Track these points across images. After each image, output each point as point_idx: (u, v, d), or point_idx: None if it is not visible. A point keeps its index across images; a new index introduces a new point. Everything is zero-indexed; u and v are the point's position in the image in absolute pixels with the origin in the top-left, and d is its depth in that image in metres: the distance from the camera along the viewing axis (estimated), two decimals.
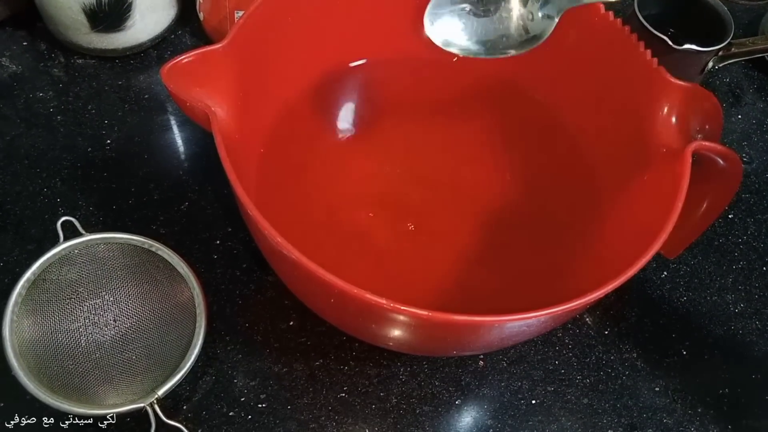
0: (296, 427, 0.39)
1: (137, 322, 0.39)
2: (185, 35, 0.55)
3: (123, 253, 0.41)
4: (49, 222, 0.44)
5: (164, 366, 0.38)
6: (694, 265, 0.48)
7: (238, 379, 0.40)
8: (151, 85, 0.52)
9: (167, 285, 0.40)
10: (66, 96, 0.50)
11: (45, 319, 0.38)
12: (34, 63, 0.52)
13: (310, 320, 0.42)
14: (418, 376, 0.41)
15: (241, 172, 0.32)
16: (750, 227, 0.50)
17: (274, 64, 0.42)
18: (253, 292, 0.43)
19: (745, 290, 0.47)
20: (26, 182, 0.46)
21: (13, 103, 0.50)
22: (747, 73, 0.59)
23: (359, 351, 0.42)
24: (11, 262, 0.43)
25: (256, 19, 0.37)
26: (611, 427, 0.41)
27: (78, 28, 0.49)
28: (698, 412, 0.42)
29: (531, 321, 0.30)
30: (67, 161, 0.47)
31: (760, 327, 0.45)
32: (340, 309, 0.34)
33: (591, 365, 0.43)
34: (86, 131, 0.49)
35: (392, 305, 0.28)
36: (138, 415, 0.37)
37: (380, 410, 0.40)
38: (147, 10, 0.50)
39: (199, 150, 0.49)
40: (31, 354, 0.37)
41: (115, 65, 0.52)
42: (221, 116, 0.34)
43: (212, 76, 0.35)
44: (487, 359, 0.42)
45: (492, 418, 0.41)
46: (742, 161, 0.36)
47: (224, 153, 0.31)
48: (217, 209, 0.46)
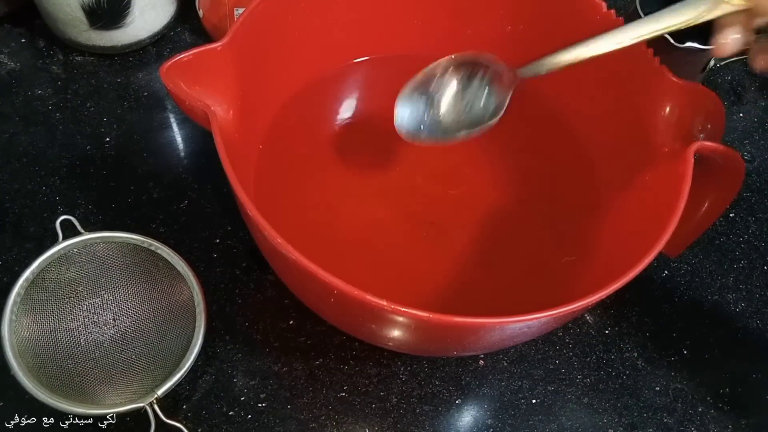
0: (296, 426, 0.39)
1: (137, 321, 0.39)
2: (185, 32, 0.55)
3: (122, 252, 0.40)
4: (48, 221, 0.44)
5: (164, 365, 0.38)
6: (695, 264, 0.48)
7: (238, 379, 0.40)
8: (150, 83, 0.51)
9: (167, 284, 0.40)
10: (65, 93, 0.50)
11: (44, 319, 0.38)
12: (33, 60, 0.52)
13: (309, 319, 0.42)
14: (419, 375, 0.41)
15: (241, 171, 0.32)
16: (751, 226, 0.50)
17: (274, 62, 0.41)
18: (252, 291, 0.43)
19: (746, 289, 0.47)
20: (25, 180, 0.46)
21: (12, 101, 0.49)
22: (749, 72, 0.58)
23: (359, 350, 0.42)
24: (10, 261, 0.43)
25: (255, 17, 0.37)
26: (612, 427, 0.41)
27: (77, 26, 0.49)
28: (699, 412, 0.42)
29: (532, 322, 0.30)
30: (65, 159, 0.47)
31: (761, 326, 0.45)
32: (340, 309, 0.34)
33: (591, 364, 0.43)
34: (85, 129, 0.49)
35: (393, 307, 0.27)
36: (138, 415, 0.37)
37: (380, 410, 0.40)
38: (146, 7, 0.50)
39: (199, 148, 0.49)
40: (30, 353, 0.37)
41: (114, 63, 0.52)
42: (221, 115, 0.34)
43: (212, 75, 0.35)
44: (487, 359, 0.42)
45: (492, 418, 0.41)
46: (743, 160, 0.35)
47: (224, 152, 0.31)
48: (217, 208, 0.46)
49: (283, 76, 0.43)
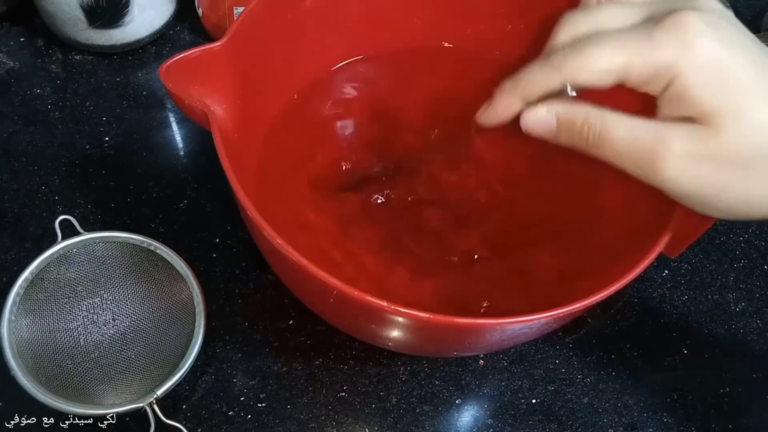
0: (296, 426, 0.39)
1: (136, 321, 0.39)
2: (184, 31, 0.55)
3: (122, 251, 0.40)
4: (47, 220, 0.44)
5: (163, 365, 0.38)
6: (695, 263, 0.48)
7: (238, 379, 0.40)
8: (149, 82, 0.51)
9: (166, 284, 0.40)
10: (64, 93, 0.50)
11: (43, 319, 0.38)
12: (32, 59, 0.52)
13: (309, 319, 0.42)
14: (418, 375, 0.41)
15: (241, 170, 0.32)
16: (751, 225, 0.50)
17: (274, 61, 0.41)
18: (252, 291, 0.43)
19: (746, 289, 0.47)
20: (24, 180, 0.46)
21: (11, 100, 0.49)
22: None
23: (359, 350, 0.41)
24: (9, 261, 0.42)
25: (255, 16, 0.37)
26: (611, 427, 0.41)
27: (76, 24, 0.49)
28: (699, 411, 0.42)
29: (532, 323, 0.30)
30: (65, 159, 0.47)
31: (761, 326, 0.45)
32: (340, 309, 0.34)
33: (591, 364, 0.43)
34: (84, 128, 0.49)
35: (393, 307, 0.27)
36: (137, 415, 0.37)
37: (380, 410, 0.40)
38: (145, 6, 0.50)
39: (198, 147, 0.49)
40: (30, 353, 0.37)
41: (113, 61, 0.52)
42: (220, 115, 0.34)
43: (211, 75, 0.34)
44: (487, 359, 0.42)
45: (492, 418, 0.41)
46: None
47: (223, 152, 0.31)
48: (216, 207, 0.46)
49: (283, 74, 0.43)
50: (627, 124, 0.28)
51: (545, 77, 0.29)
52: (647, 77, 0.27)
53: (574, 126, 0.29)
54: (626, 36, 0.27)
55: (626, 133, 0.28)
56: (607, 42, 0.27)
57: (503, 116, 0.31)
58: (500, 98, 0.31)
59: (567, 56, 0.28)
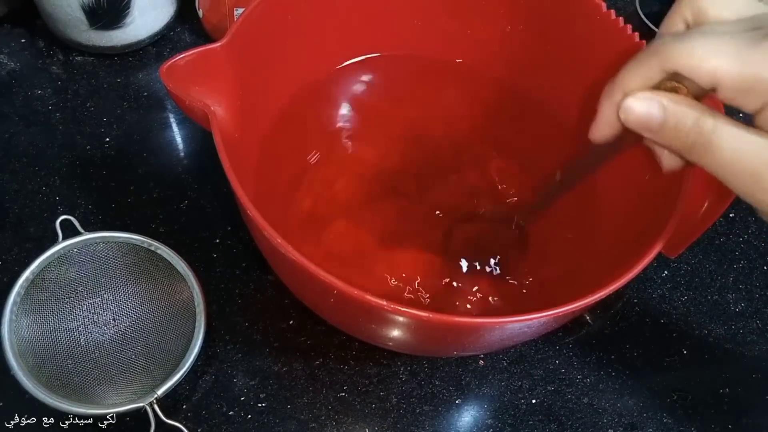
0: (296, 426, 0.39)
1: (136, 321, 0.39)
2: (184, 32, 0.55)
3: (122, 251, 0.40)
4: (48, 220, 0.44)
5: (164, 365, 0.38)
6: (694, 264, 0.48)
7: (238, 379, 0.40)
8: (150, 83, 0.51)
9: (166, 284, 0.40)
10: (65, 94, 0.50)
11: (44, 319, 0.38)
12: (33, 60, 0.52)
13: (310, 319, 0.42)
14: (418, 375, 0.41)
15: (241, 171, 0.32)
16: (751, 226, 0.50)
17: (274, 61, 0.41)
18: (252, 291, 0.43)
19: (745, 289, 0.47)
20: (25, 180, 0.46)
21: (12, 101, 0.49)
22: None
23: (359, 350, 0.42)
24: (10, 261, 0.43)
25: (255, 17, 0.37)
26: (611, 427, 0.41)
27: (77, 26, 0.49)
28: (698, 412, 0.42)
29: (532, 322, 0.30)
30: (65, 159, 0.47)
31: (760, 326, 0.45)
32: (340, 309, 0.34)
33: (591, 364, 0.43)
34: (85, 129, 0.49)
35: (393, 307, 0.27)
36: (137, 415, 0.37)
37: (380, 410, 0.40)
38: (146, 7, 0.50)
39: (199, 148, 0.49)
40: (30, 353, 0.37)
41: (114, 63, 0.52)
42: (220, 115, 0.34)
43: (211, 75, 0.35)
44: (487, 359, 0.42)
45: (492, 418, 0.41)
46: None
47: (224, 152, 0.31)
48: (217, 208, 0.46)
49: (283, 75, 0.43)
50: (740, 136, 0.25)
51: (643, 63, 0.27)
52: (746, 88, 0.24)
53: (684, 124, 0.26)
54: (731, 37, 0.25)
55: (738, 145, 0.25)
56: (711, 36, 0.25)
57: (613, 121, 0.28)
58: (603, 104, 0.29)
59: (668, 42, 0.26)
